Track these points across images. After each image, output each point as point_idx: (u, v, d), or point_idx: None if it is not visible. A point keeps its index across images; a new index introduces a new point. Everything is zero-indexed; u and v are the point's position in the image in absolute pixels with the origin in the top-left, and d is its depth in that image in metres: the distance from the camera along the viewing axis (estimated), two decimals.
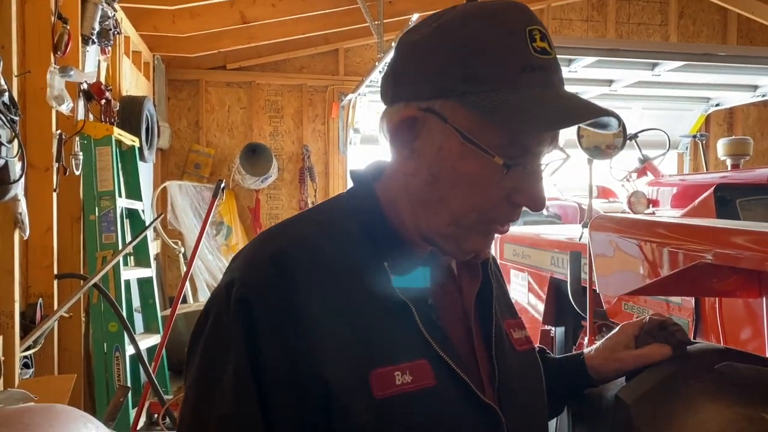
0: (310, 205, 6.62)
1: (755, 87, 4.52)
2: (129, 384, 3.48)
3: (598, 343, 1.13)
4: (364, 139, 6.15)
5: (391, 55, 0.93)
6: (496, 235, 0.89)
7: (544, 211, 4.83)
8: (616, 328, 1.13)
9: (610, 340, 1.12)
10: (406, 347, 0.80)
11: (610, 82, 4.43)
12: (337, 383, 0.75)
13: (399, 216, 0.88)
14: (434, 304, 0.85)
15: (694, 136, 5.09)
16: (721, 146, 4.05)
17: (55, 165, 3.12)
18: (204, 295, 6.01)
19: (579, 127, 2.63)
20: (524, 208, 0.86)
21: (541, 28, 0.81)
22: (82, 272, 3.43)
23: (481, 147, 0.80)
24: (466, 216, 0.83)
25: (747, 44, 7.45)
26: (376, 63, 4.83)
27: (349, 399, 0.76)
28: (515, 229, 4.23)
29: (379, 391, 0.77)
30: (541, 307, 3.27)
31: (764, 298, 1.45)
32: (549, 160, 0.86)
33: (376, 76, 4.65)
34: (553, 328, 3.28)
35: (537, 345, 1.21)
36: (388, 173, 0.90)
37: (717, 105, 5.00)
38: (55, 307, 3.09)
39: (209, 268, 6.11)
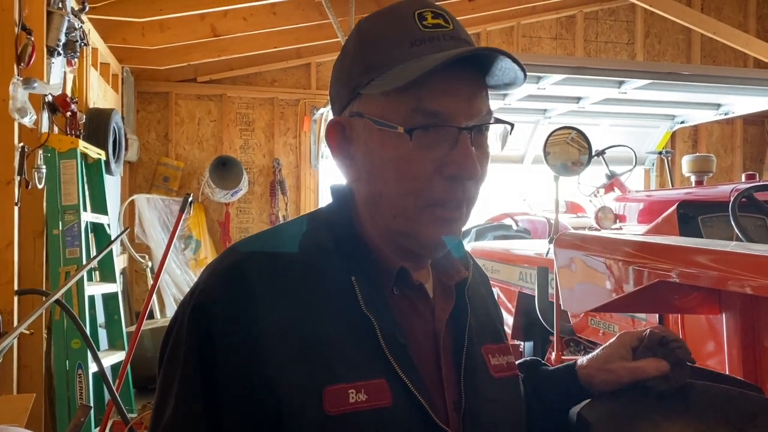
0: (281, 219, 6.62)
1: (718, 105, 4.64)
2: (92, 403, 3.39)
3: (594, 352, 1.08)
4: None
5: None
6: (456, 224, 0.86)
7: (514, 226, 4.87)
8: (614, 338, 1.08)
9: (605, 350, 1.06)
10: (366, 365, 0.79)
11: (578, 99, 4.49)
12: (289, 396, 0.75)
13: (367, 229, 0.88)
14: (402, 323, 0.84)
15: (660, 153, 5.19)
16: (685, 163, 4.13)
17: (17, 178, 3.06)
18: (172, 311, 5.91)
19: (546, 144, 2.68)
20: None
21: (435, 10, 0.84)
22: (44, 288, 3.35)
23: (386, 124, 0.81)
24: (404, 202, 0.83)
25: (710, 63, 7.64)
26: None
27: (300, 412, 0.75)
28: (484, 243, 4.25)
29: (331, 407, 0.76)
30: (510, 322, 3.28)
31: (724, 316, 1.47)
32: (486, 125, 0.84)
33: None
34: (522, 343, 3.30)
35: (532, 357, 1.19)
36: (351, 187, 0.92)
37: (682, 122, 5.12)
38: (15, 323, 3.01)
39: (177, 282, 6.02)
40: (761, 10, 8.00)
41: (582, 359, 1.09)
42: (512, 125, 0.88)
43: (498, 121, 0.86)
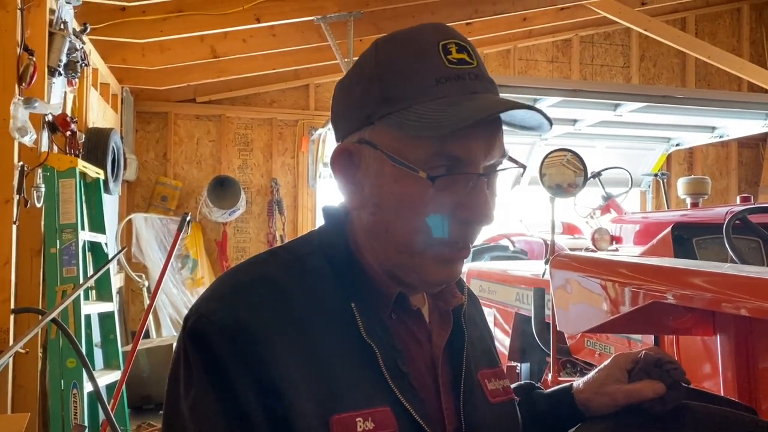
0: (279, 239, 6.62)
1: (713, 128, 4.68)
2: (86, 422, 3.37)
3: (589, 375, 1.08)
4: None
5: None
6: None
7: (511, 247, 4.88)
8: (608, 360, 1.07)
9: (601, 373, 1.06)
10: (370, 392, 0.78)
11: (574, 121, 4.53)
12: (299, 424, 0.74)
13: (363, 254, 0.87)
14: (401, 348, 0.83)
15: (656, 175, 5.22)
16: (680, 185, 4.16)
17: (16, 197, 3.07)
18: (168, 330, 5.89)
19: (541, 166, 2.70)
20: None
21: (458, 41, 0.81)
22: (40, 306, 3.34)
23: (405, 164, 0.79)
24: (412, 241, 0.81)
25: (704, 87, 7.72)
26: None
27: None
28: (482, 264, 4.25)
29: None
30: (507, 342, 3.28)
31: (718, 337, 1.48)
32: (501, 170, 0.84)
33: None
34: (519, 364, 3.29)
35: (526, 381, 1.17)
36: (350, 212, 0.90)
37: (677, 145, 5.15)
38: (11, 342, 3.00)
39: (173, 302, 6.00)
40: (754, 34, 8.10)
41: (578, 382, 1.09)
42: (525, 167, 0.86)
43: (511, 159, 0.85)
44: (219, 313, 0.77)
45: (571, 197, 2.74)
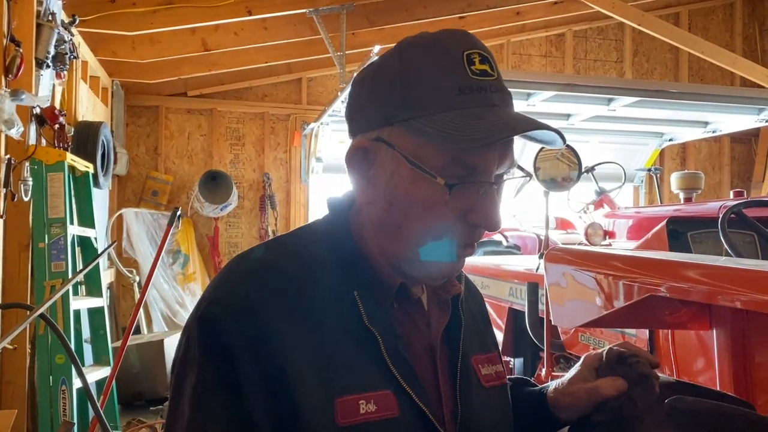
0: (271, 234, 6.59)
1: (706, 123, 4.69)
2: (75, 419, 3.34)
3: (565, 375, 1.07)
4: (327, 167, 6.15)
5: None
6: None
7: (504, 242, 4.87)
8: (580, 361, 1.07)
9: (572, 373, 1.06)
10: (372, 377, 0.82)
11: (567, 116, 4.53)
12: (305, 407, 0.77)
13: (368, 245, 0.90)
14: (402, 335, 0.86)
15: (649, 170, 5.23)
16: (674, 180, 4.16)
17: (3, 190, 3.03)
18: (159, 326, 5.85)
19: (535, 159, 2.68)
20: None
21: (481, 52, 0.84)
22: (28, 302, 3.30)
23: (424, 169, 0.82)
24: (422, 240, 0.85)
25: (698, 82, 7.73)
26: (339, 93, 4.86)
27: (315, 423, 0.77)
28: (475, 259, 4.24)
29: (343, 418, 0.78)
30: (500, 337, 3.27)
31: (714, 331, 1.46)
32: (509, 179, 0.88)
33: (339, 105, 4.69)
34: (512, 359, 3.28)
35: (519, 376, 1.19)
36: (357, 204, 0.93)
37: (670, 140, 5.16)
38: None
39: (165, 297, 5.97)
40: (747, 30, 8.12)
41: (554, 383, 1.08)
42: (531, 175, 0.91)
43: (520, 168, 0.89)
44: (231, 298, 0.80)
45: (566, 191, 2.73)
